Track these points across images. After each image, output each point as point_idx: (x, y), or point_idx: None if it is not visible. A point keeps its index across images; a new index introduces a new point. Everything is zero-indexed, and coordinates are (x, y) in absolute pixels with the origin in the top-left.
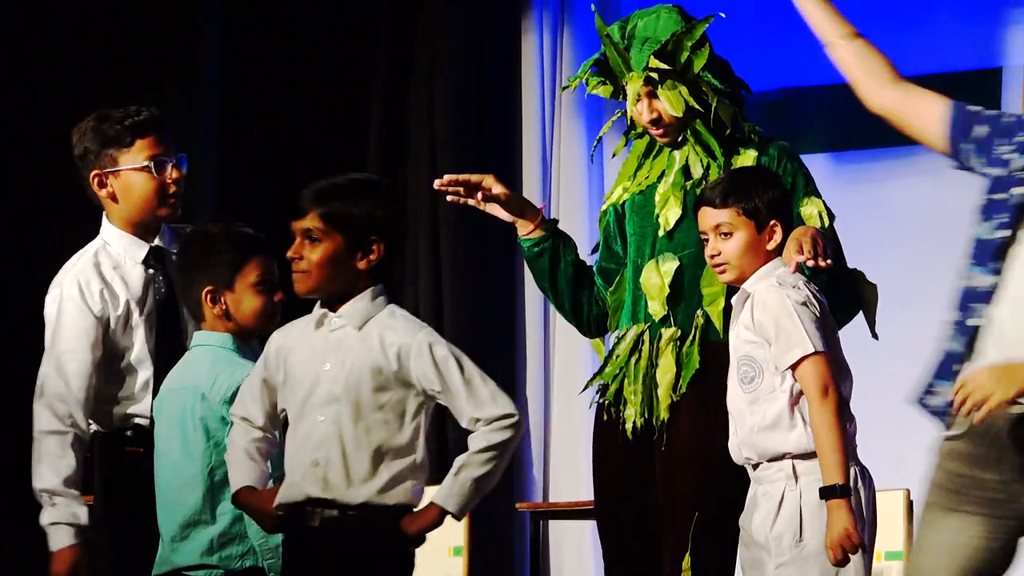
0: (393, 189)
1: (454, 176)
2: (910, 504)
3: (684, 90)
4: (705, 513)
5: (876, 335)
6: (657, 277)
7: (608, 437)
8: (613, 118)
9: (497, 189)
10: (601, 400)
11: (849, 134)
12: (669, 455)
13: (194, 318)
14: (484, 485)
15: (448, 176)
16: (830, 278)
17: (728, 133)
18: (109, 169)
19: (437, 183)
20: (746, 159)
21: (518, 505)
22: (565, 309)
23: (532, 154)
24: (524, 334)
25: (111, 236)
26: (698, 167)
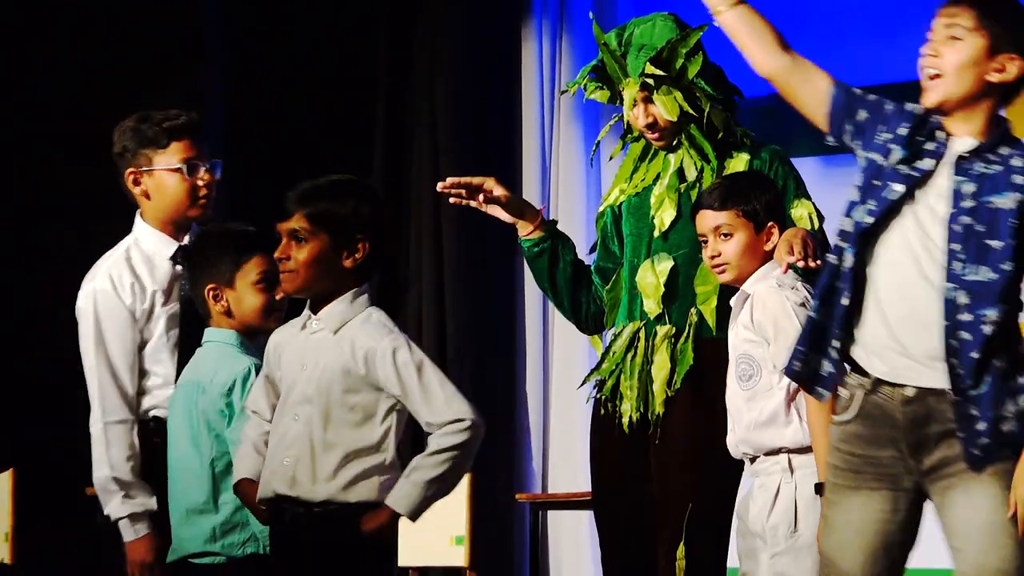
0: (375, 189)
1: (456, 179)
2: None
3: (679, 95)
4: (699, 506)
5: None
6: (652, 276)
7: (605, 431)
8: (610, 122)
9: (498, 191)
10: (598, 395)
11: None
12: (664, 449)
13: (203, 315)
14: (438, 486)
15: (450, 179)
16: None
17: (721, 137)
18: (144, 168)
19: (440, 186)
20: (739, 163)
21: (518, 496)
22: (564, 307)
23: (532, 157)
24: (524, 331)
25: (143, 233)
26: (692, 170)
